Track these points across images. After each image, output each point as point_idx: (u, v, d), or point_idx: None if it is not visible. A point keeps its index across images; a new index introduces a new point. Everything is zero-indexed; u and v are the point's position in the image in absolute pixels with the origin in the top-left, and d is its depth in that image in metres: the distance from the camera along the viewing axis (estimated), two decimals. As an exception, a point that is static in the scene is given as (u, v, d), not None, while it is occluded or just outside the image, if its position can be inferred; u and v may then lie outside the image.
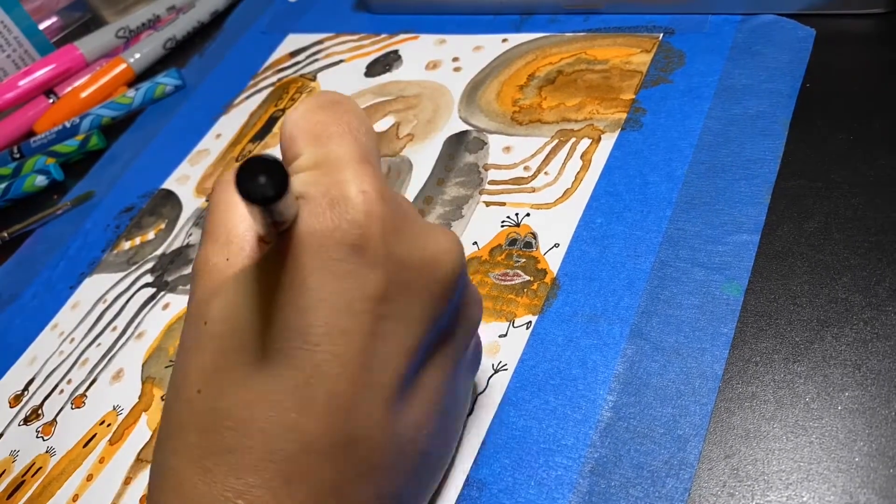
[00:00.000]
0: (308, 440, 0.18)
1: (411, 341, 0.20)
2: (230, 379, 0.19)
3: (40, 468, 0.32)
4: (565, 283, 0.29)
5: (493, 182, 0.34)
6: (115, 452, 0.31)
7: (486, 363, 0.28)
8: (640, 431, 0.24)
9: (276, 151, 0.41)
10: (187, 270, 0.37)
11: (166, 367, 0.33)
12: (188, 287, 0.36)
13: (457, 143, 0.37)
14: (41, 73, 0.52)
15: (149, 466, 0.30)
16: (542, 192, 0.32)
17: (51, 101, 0.52)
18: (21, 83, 0.52)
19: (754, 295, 0.26)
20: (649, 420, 0.24)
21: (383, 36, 0.45)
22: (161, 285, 0.37)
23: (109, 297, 0.38)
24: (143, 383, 0.33)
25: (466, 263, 0.31)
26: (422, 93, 0.40)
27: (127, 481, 0.30)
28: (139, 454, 0.30)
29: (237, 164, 0.16)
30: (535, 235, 0.31)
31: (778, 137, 0.31)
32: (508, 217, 0.32)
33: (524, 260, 0.30)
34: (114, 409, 0.33)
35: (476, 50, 0.41)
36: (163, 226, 0.40)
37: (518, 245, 0.31)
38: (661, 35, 0.37)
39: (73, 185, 0.46)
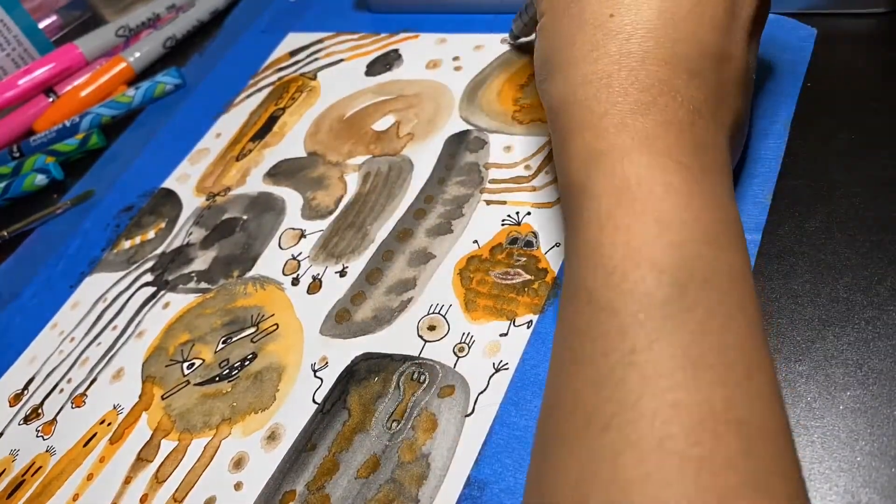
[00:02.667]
0: (703, 47, 0.24)
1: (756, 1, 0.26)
2: (639, 1, 0.24)
3: (40, 467, 0.32)
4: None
5: (493, 181, 0.34)
6: (116, 452, 0.31)
7: (487, 362, 0.28)
8: (641, 431, 0.24)
9: (276, 150, 0.41)
10: (187, 269, 0.37)
11: (166, 365, 0.33)
12: (188, 286, 0.36)
13: (457, 143, 0.36)
14: (41, 72, 0.52)
15: (148, 466, 0.30)
16: (543, 190, 0.32)
17: (50, 99, 0.52)
18: (21, 82, 0.52)
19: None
20: (651, 419, 0.24)
21: (383, 35, 0.45)
22: (161, 284, 0.37)
23: (109, 297, 0.38)
24: (143, 382, 0.33)
25: (470, 259, 0.31)
26: (422, 92, 0.40)
27: (127, 481, 0.30)
28: (139, 453, 0.30)
29: None
30: (535, 234, 0.31)
31: (779, 137, 0.31)
32: (509, 216, 0.32)
33: (525, 259, 0.30)
34: (114, 408, 0.33)
35: (477, 49, 0.41)
36: (163, 225, 0.40)
37: (519, 244, 0.31)
38: (662, 34, 0.37)
39: (73, 184, 0.46)
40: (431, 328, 0.29)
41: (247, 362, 0.32)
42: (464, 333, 0.29)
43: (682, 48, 0.24)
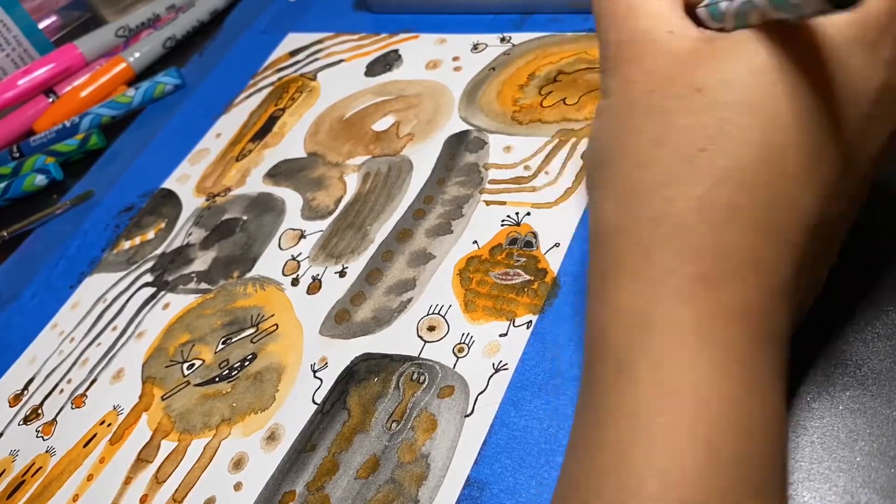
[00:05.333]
0: (805, 217, 0.19)
1: (880, 141, 0.21)
2: (740, 142, 0.19)
3: (40, 468, 0.32)
4: (566, 283, 0.29)
5: (493, 181, 0.34)
6: (116, 452, 0.31)
7: (487, 363, 0.28)
8: (640, 431, 0.24)
9: (276, 151, 0.41)
10: (187, 270, 0.37)
11: (166, 366, 0.33)
12: (188, 286, 0.36)
13: (457, 143, 0.37)
14: (41, 73, 0.52)
15: (148, 467, 0.30)
16: (543, 191, 0.32)
17: (50, 100, 0.52)
18: (21, 82, 0.52)
19: (755, 294, 0.26)
20: (650, 420, 0.24)
21: (383, 35, 0.45)
22: (161, 285, 0.37)
23: (109, 297, 0.38)
24: (143, 383, 0.33)
25: (470, 259, 0.31)
26: (422, 92, 0.40)
27: (127, 481, 0.30)
28: (139, 454, 0.30)
29: None
30: (535, 235, 0.31)
31: (779, 137, 0.30)
32: (509, 216, 0.32)
33: (525, 259, 0.30)
34: (114, 408, 0.33)
35: (476, 49, 0.41)
36: (163, 225, 0.40)
37: (518, 244, 0.31)
38: (662, 34, 0.37)
39: (73, 185, 0.46)
40: (431, 328, 0.30)
41: (247, 363, 0.32)
42: (463, 334, 0.29)
43: (778, 213, 0.19)
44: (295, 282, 0.34)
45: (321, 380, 0.30)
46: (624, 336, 0.19)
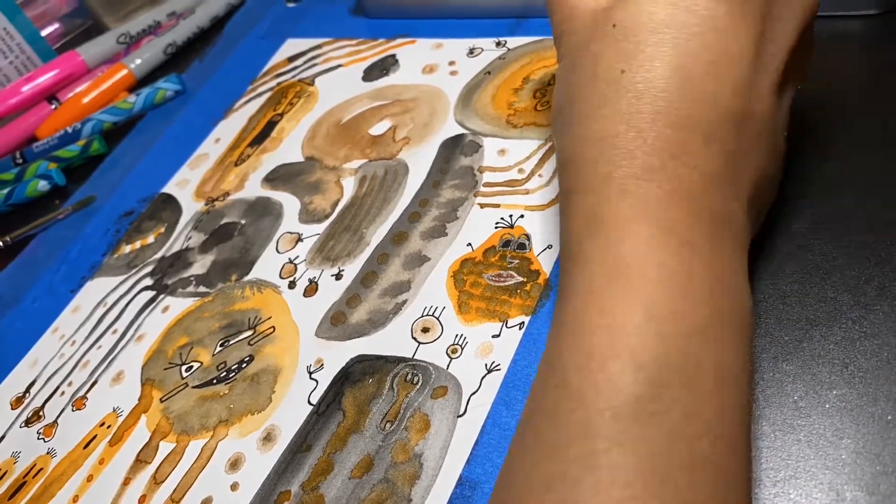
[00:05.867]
0: (722, 109, 0.22)
1: (788, 41, 0.24)
2: (652, 57, 0.22)
3: (41, 469, 0.32)
4: (558, 285, 0.29)
5: (487, 184, 0.34)
6: (115, 453, 0.31)
7: (479, 363, 0.28)
8: (630, 430, 0.24)
9: (274, 155, 0.42)
10: (186, 273, 0.38)
11: (165, 368, 0.34)
12: (187, 290, 0.37)
13: (452, 146, 0.37)
14: (43, 79, 0.53)
15: (147, 468, 0.30)
16: (536, 194, 0.33)
17: (53, 106, 0.53)
18: (24, 89, 0.52)
19: (744, 295, 0.26)
20: (640, 419, 0.24)
21: (381, 40, 0.46)
22: (160, 288, 0.37)
23: (110, 301, 0.38)
24: (142, 385, 0.33)
25: (464, 262, 0.31)
26: (418, 96, 0.41)
27: (126, 482, 0.30)
28: (138, 455, 0.31)
29: None
30: (528, 237, 0.31)
31: (769, 138, 0.31)
32: (502, 218, 0.32)
33: (518, 261, 0.30)
34: (114, 410, 0.33)
35: (472, 54, 0.41)
36: (162, 230, 0.41)
37: (511, 246, 0.31)
38: (655, 38, 0.37)
39: (75, 190, 0.47)
40: (425, 330, 0.30)
41: (244, 365, 0.32)
42: (457, 335, 0.29)
43: (697, 110, 0.22)
44: (292, 285, 0.34)
45: (317, 381, 0.30)
46: (577, 233, 0.23)
